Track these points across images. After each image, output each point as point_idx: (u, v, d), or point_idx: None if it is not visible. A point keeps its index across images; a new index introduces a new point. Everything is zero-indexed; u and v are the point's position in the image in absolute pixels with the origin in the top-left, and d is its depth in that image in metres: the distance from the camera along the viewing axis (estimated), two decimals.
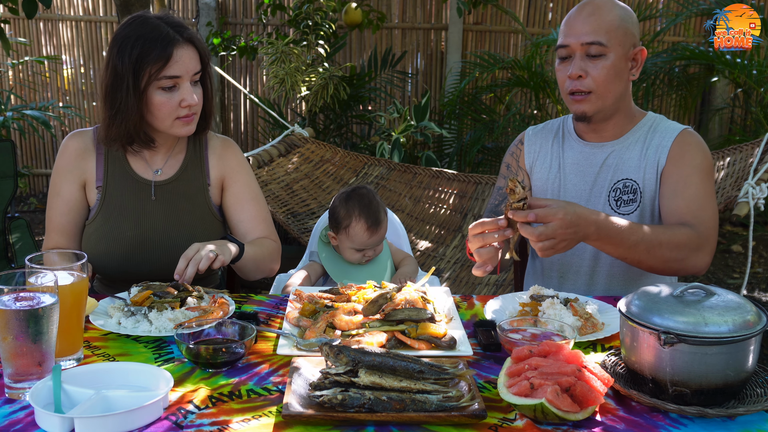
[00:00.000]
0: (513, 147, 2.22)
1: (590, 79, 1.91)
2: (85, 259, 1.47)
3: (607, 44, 1.89)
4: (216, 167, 2.10)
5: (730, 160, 3.38)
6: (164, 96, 1.87)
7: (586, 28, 1.90)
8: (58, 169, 2.04)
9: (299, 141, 4.25)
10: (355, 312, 1.62)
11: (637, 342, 1.30)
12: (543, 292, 1.76)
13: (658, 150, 1.97)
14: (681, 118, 5.85)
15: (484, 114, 5.64)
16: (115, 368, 1.36)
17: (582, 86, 1.92)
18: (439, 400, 1.22)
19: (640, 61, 1.96)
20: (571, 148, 2.08)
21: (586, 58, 1.91)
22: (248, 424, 1.21)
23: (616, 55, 1.90)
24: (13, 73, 6.56)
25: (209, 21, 6.00)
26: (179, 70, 1.87)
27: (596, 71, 1.90)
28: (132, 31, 1.86)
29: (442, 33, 6.45)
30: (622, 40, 1.90)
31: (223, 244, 1.85)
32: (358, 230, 2.24)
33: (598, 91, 1.92)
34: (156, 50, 1.84)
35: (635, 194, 1.98)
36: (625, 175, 2.00)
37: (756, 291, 4.79)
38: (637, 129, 2.02)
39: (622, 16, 1.92)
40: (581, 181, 2.05)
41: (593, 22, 1.90)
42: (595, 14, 1.91)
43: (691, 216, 1.88)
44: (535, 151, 2.14)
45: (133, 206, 2.01)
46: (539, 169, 2.12)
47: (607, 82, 1.91)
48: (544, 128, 2.17)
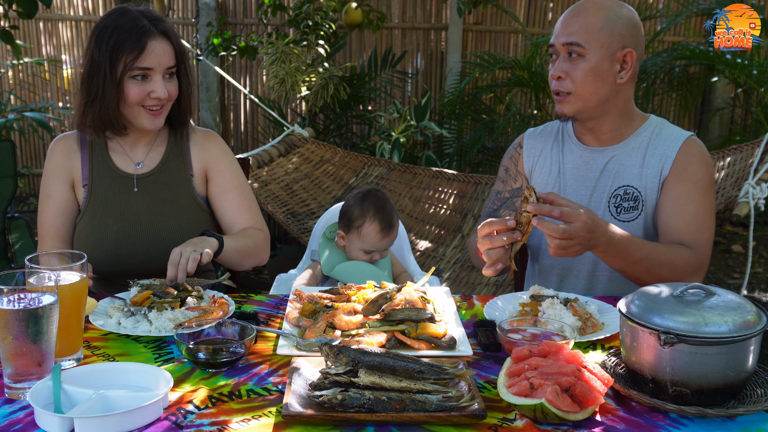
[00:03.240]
0: (511, 150, 2.20)
1: (569, 80, 1.91)
2: (84, 259, 1.47)
3: (585, 45, 1.88)
4: (198, 158, 2.12)
5: (730, 160, 3.38)
6: (136, 86, 1.91)
7: (568, 29, 1.90)
8: (47, 173, 2.07)
9: (299, 141, 4.25)
10: (355, 312, 1.62)
11: (637, 342, 1.30)
12: (543, 292, 1.76)
13: (662, 159, 1.95)
14: (681, 118, 5.85)
15: (484, 114, 5.64)
16: (115, 368, 1.36)
17: (561, 87, 1.92)
18: (438, 400, 1.22)
19: (631, 63, 1.92)
20: (571, 152, 2.07)
21: (568, 59, 1.91)
22: (248, 424, 1.21)
23: (598, 56, 1.88)
24: (12, 74, 6.56)
25: (209, 21, 6.00)
26: (152, 62, 1.90)
27: (575, 72, 1.90)
28: (111, 22, 1.91)
29: (442, 33, 6.44)
30: (606, 42, 1.88)
31: (202, 241, 1.88)
32: (370, 231, 2.24)
33: (578, 92, 1.91)
34: (131, 40, 1.88)
35: (636, 202, 1.96)
36: (626, 182, 1.98)
37: (756, 291, 4.79)
38: (638, 134, 2.00)
39: (609, 18, 1.89)
40: (581, 186, 2.03)
41: (575, 23, 1.89)
42: (579, 15, 1.90)
43: (690, 237, 1.89)
44: (535, 155, 2.12)
45: (117, 201, 2.03)
46: (539, 173, 2.10)
47: (586, 84, 1.90)
48: (543, 131, 2.15)
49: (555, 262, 2.07)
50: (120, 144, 2.07)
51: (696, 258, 1.87)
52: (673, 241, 1.91)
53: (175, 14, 6.48)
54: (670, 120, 6.66)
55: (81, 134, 2.06)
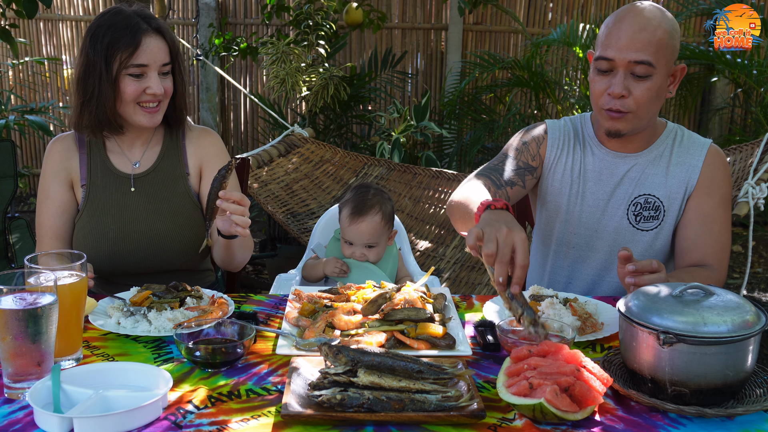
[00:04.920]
0: (537, 132, 2.07)
1: (632, 99, 1.80)
2: (84, 259, 1.47)
3: (655, 65, 1.77)
4: (194, 156, 2.12)
5: (730, 160, 3.37)
6: (132, 83, 1.92)
7: (635, 45, 1.76)
8: (45, 174, 2.07)
9: (299, 141, 4.25)
10: (355, 312, 1.62)
11: (636, 342, 1.30)
12: (542, 292, 1.76)
13: (687, 169, 1.92)
14: (681, 118, 5.85)
15: (484, 114, 5.63)
16: (115, 368, 1.36)
17: (623, 106, 1.82)
18: (438, 400, 1.22)
19: (678, 77, 1.86)
20: (593, 154, 2.01)
21: (630, 77, 1.79)
22: (247, 424, 1.21)
23: (661, 75, 1.79)
24: (13, 73, 6.56)
25: (210, 22, 6.00)
26: (147, 59, 1.91)
27: (639, 92, 1.79)
28: (105, 21, 1.93)
29: (442, 33, 6.44)
30: (669, 59, 1.79)
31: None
32: (342, 217, 2.26)
33: (638, 112, 1.83)
34: (125, 38, 1.89)
35: (657, 212, 1.94)
36: (647, 191, 1.95)
37: (756, 291, 4.79)
38: (660, 142, 1.96)
39: (670, 32, 1.79)
40: (600, 190, 1.99)
41: (643, 39, 1.76)
42: (646, 30, 1.76)
43: (714, 258, 1.88)
44: (558, 148, 2.03)
45: (115, 200, 2.04)
46: (560, 170, 2.03)
47: (649, 104, 1.82)
48: (566, 126, 2.06)
49: (565, 263, 2.06)
50: (117, 144, 2.07)
51: (716, 279, 1.86)
52: (697, 260, 1.89)
53: (176, 14, 6.48)
54: (670, 120, 6.67)
55: (78, 135, 2.06)
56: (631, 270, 1.52)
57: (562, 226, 2.05)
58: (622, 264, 1.56)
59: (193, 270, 2.15)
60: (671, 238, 1.97)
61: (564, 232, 2.05)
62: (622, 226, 1.97)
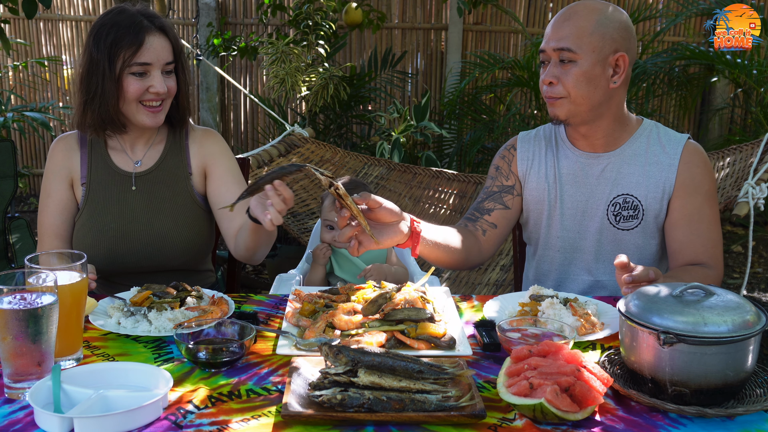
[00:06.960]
0: (504, 150, 2.17)
1: (561, 85, 1.89)
2: (84, 259, 1.47)
3: (576, 50, 1.86)
4: (197, 156, 2.12)
5: (730, 160, 3.38)
6: (135, 82, 1.92)
7: (558, 34, 1.88)
8: (47, 173, 2.08)
9: (299, 141, 4.25)
10: (355, 312, 1.62)
11: (637, 342, 1.30)
12: (543, 292, 1.76)
13: (663, 168, 1.94)
14: (681, 118, 5.86)
15: (484, 114, 5.64)
16: (115, 368, 1.36)
17: (553, 92, 1.91)
18: (438, 400, 1.22)
19: (624, 67, 1.90)
20: (566, 157, 2.05)
21: (559, 64, 1.89)
22: (247, 424, 1.21)
23: (589, 61, 1.86)
24: (13, 73, 6.56)
25: (210, 21, 6.00)
26: (150, 57, 1.91)
27: (567, 77, 1.88)
28: (108, 20, 1.93)
29: (442, 33, 6.45)
30: (597, 46, 1.86)
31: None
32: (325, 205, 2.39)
33: (571, 97, 1.90)
34: (129, 36, 1.89)
35: (636, 211, 1.95)
36: (625, 190, 1.97)
37: (756, 291, 4.79)
38: (633, 140, 1.98)
39: (600, 21, 1.86)
40: (578, 192, 2.02)
41: (566, 28, 1.87)
42: (570, 19, 1.88)
43: (707, 256, 1.89)
44: (529, 158, 2.10)
45: (116, 199, 2.04)
46: (535, 177, 2.08)
47: (578, 88, 1.88)
48: (537, 135, 2.13)
49: (552, 267, 2.07)
50: (119, 142, 2.08)
51: (714, 276, 1.87)
52: (690, 260, 1.90)
53: (175, 14, 6.48)
54: (670, 120, 6.65)
55: (81, 134, 2.06)
56: (628, 281, 1.54)
57: (546, 231, 2.08)
58: (620, 272, 1.57)
59: (194, 270, 2.15)
60: (660, 237, 1.98)
61: (548, 236, 2.08)
62: (604, 227, 1.99)
